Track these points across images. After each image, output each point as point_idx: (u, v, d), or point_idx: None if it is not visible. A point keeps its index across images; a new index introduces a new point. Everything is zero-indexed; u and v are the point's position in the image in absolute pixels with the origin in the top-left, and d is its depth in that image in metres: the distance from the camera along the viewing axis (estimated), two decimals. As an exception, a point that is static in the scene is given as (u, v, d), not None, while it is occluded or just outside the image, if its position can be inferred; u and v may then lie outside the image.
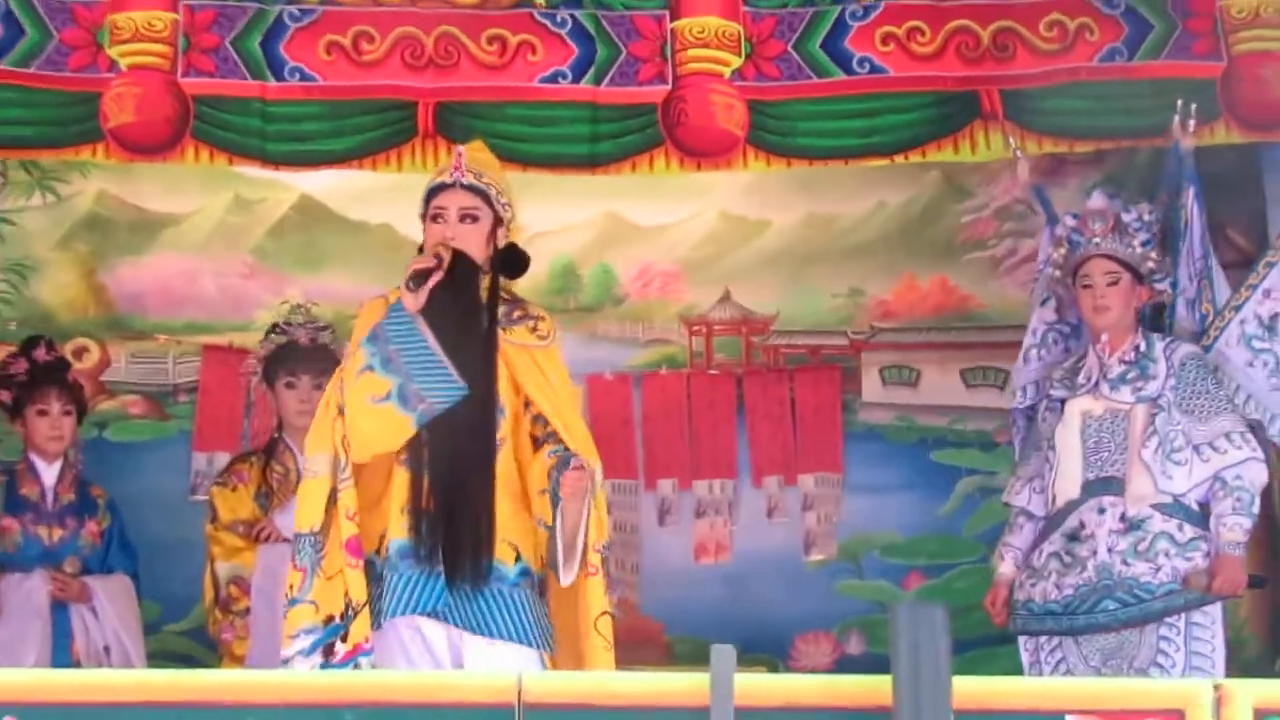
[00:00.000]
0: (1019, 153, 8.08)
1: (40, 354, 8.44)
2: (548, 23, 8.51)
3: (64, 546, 8.25)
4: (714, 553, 9.51)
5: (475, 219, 6.53)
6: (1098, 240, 7.41)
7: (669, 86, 8.47)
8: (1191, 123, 7.66)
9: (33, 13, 8.34)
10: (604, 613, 6.25)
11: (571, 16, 8.52)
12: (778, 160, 8.71)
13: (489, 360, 6.43)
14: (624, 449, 9.47)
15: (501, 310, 6.52)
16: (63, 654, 8.00)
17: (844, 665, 9.12)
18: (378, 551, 6.35)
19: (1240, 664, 8.79)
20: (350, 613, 6.25)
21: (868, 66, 8.52)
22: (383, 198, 9.39)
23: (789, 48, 8.54)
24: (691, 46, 8.50)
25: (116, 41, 8.34)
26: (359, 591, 6.24)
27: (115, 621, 8.15)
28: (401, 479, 6.35)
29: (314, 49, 8.43)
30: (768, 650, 8.95)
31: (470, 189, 6.58)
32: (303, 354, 8.36)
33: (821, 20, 8.54)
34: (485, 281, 6.51)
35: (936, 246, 9.72)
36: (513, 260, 6.57)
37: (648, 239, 9.63)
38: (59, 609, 8.13)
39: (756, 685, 5.46)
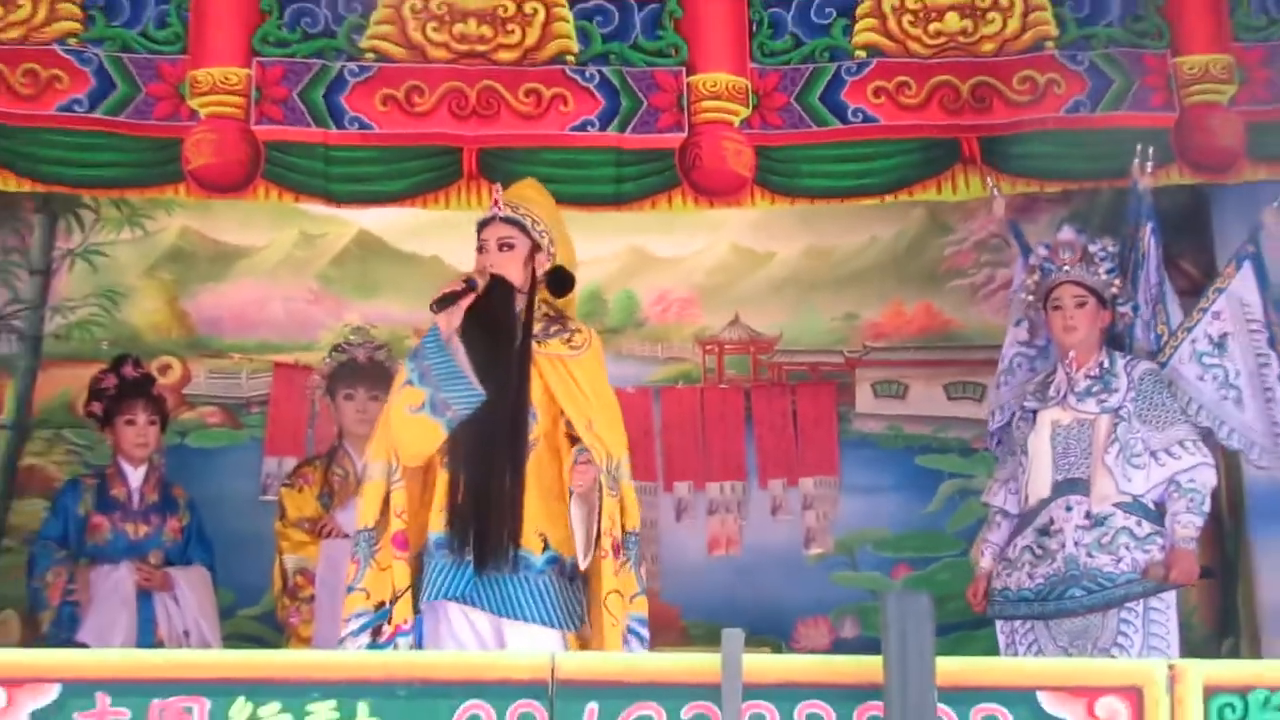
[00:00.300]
0: (996, 191, 8.09)
1: (128, 370, 8.46)
2: (578, 77, 8.52)
3: (148, 541, 8.26)
4: (725, 546, 9.51)
5: (511, 247, 6.55)
6: (1067, 268, 7.44)
7: (685, 134, 8.46)
8: (1149, 165, 7.69)
9: (123, 69, 8.36)
10: (612, 591, 6.23)
11: (599, 72, 8.52)
12: (782, 199, 8.71)
13: (521, 370, 6.46)
14: (645, 455, 9.45)
15: (540, 325, 6.55)
16: (147, 637, 8.00)
17: (840, 647, 9.11)
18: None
19: (1190, 646, 8.77)
20: (395, 599, 6.34)
21: (861, 116, 8.52)
22: (432, 232, 9.40)
23: (791, 100, 8.54)
24: (705, 98, 8.50)
25: (196, 94, 8.36)
26: (403, 580, 6.33)
27: (194, 608, 8.16)
28: (442, 479, 6.40)
29: (371, 100, 8.44)
30: (772, 633, 8.95)
31: (508, 221, 6.61)
32: (360, 370, 8.37)
33: (820, 75, 8.54)
34: (522, 300, 6.55)
35: (922, 275, 9.72)
36: (558, 280, 6.58)
37: (666, 269, 9.64)
38: (144, 597, 8.14)
39: (762, 664, 5.47)
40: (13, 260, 9.41)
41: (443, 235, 9.34)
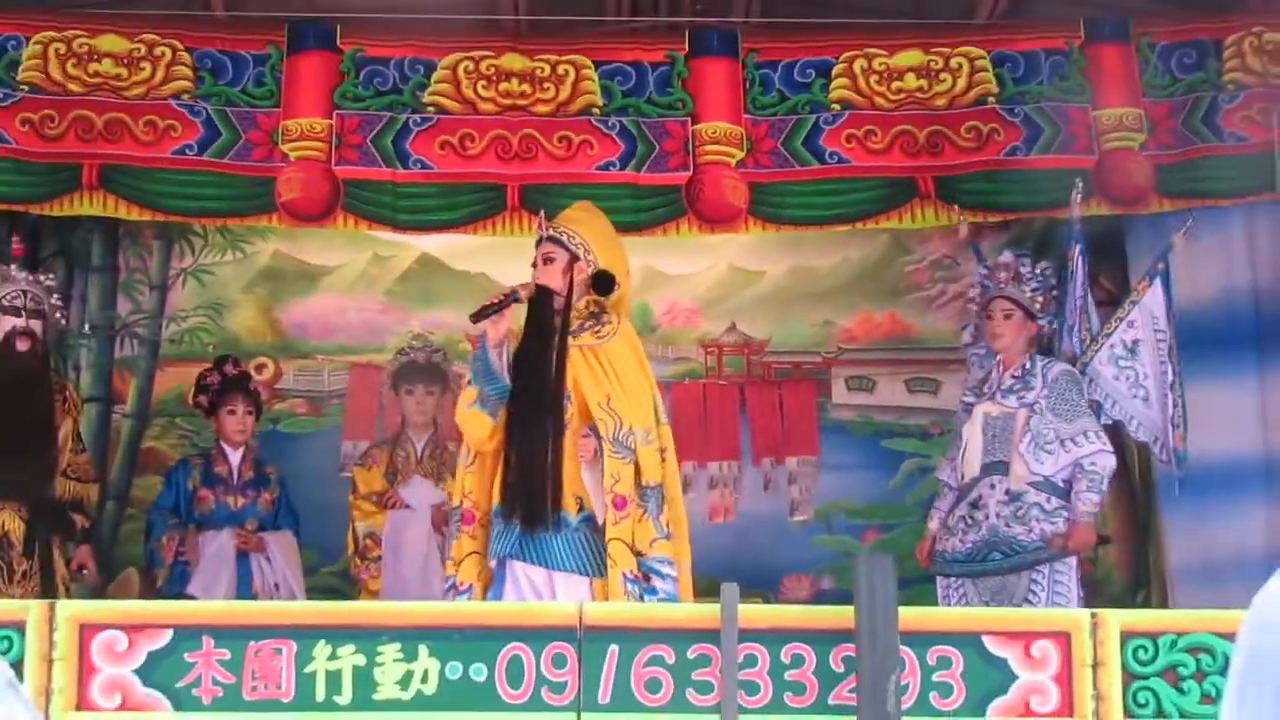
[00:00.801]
0: (962, 221, 8.13)
1: (229, 369, 8.46)
2: (602, 126, 8.51)
3: (245, 510, 8.25)
4: (723, 515, 9.49)
5: (552, 260, 6.62)
6: (1000, 285, 7.46)
7: (690, 172, 8.45)
8: (1078, 197, 7.70)
9: (226, 119, 8.35)
10: (614, 539, 6.24)
11: (619, 122, 8.52)
12: (770, 226, 8.71)
13: (558, 363, 6.48)
14: (656, 438, 9.47)
15: (578, 322, 6.57)
16: (245, 590, 7.99)
17: (820, 598, 9.10)
18: None
19: (1109, 597, 8.77)
20: (458, 564, 6.47)
21: (836, 158, 8.50)
22: (481, 254, 9.39)
23: (778, 144, 8.52)
24: (707, 143, 8.49)
25: (287, 140, 8.35)
26: (468, 547, 6.43)
27: (283, 566, 8.15)
28: (501, 461, 6.44)
29: (431, 145, 8.43)
30: (762, 587, 8.93)
31: (550, 239, 6.67)
32: (420, 370, 8.38)
33: (802, 125, 8.53)
34: (560, 304, 6.56)
35: (886, 290, 9.69)
36: (598, 282, 6.58)
37: (674, 285, 9.62)
38: (242, 557, 8.14)
39: (754, 613, 5.48)
40: (136, 278, 9.41)
41: (490, 256, 9.35)
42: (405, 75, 8.51)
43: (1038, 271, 7.51)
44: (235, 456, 8.35)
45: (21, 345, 7.42)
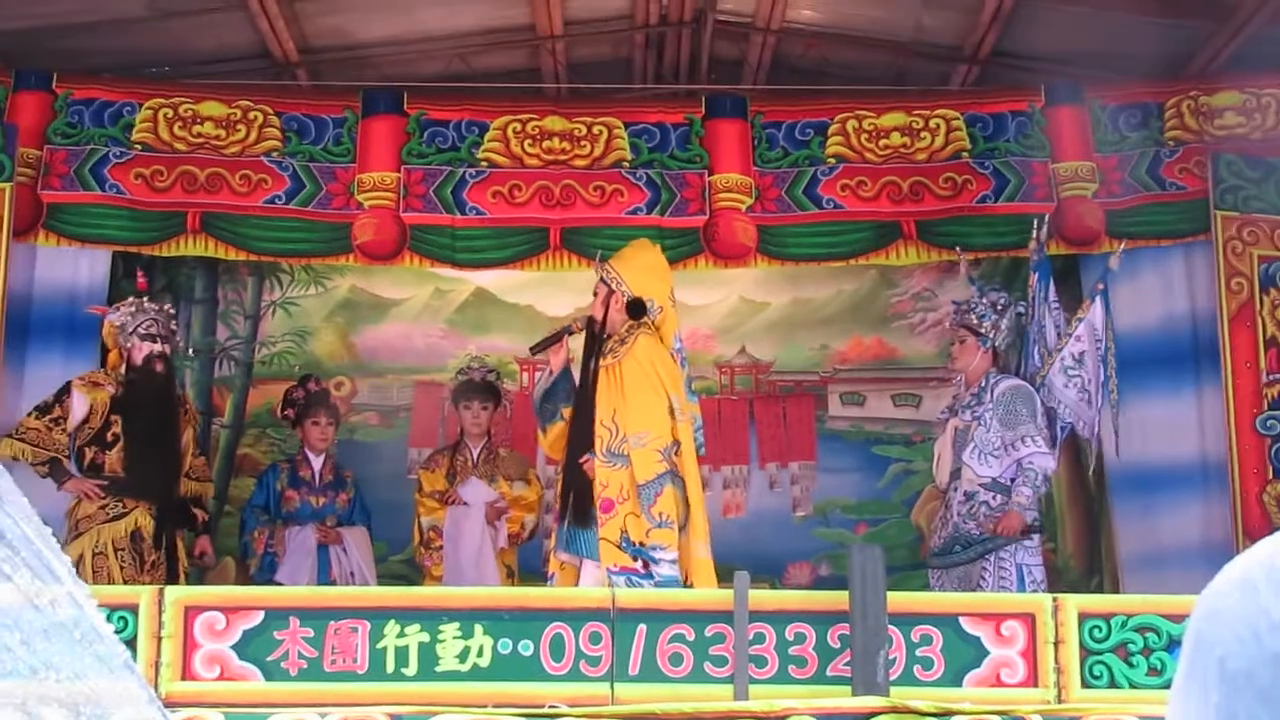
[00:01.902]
0: (961, 255, 8.07)
1: (312, 385, 8.47)
2: (631, 177, 8.52)
3: (325, 509, 8.24)
4: (735, 511, 9.45)
5: (595, 295, 6.65)
6: (958, 315, 7.48)
7: (707, 216, 8.47)
8: (1045, 231, 7.64)
9: (310, 174, 8.39)
10: (601, 539, 6.34)
11: (646, 174, 8.54)
12: (776, 263, 8.74)
13: (592, 383, 6.51)
14: (678, 445, 9.46)
15: (610, 344, 6.59)
16: (324, 577, 7.98)
17: (819, 584, 9.05)
18: None
19: (1067, 583, 8.72)
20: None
21: (832, 204, 8.51)
22: (528, 288, 9.38)
23: (782, 193, 8.53)
24: (721, 192, 8.49)
25: (361, 191, 8.38)
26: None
27: (358, 556, 8.14)
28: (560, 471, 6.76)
29: (485, 195, 8.45)
30: (769, 573, 8.87)
31: (601, 278, 6.71)
32: (476, 388, 8.36)
33: (802, 176, 8.54)
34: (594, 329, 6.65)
35: (875, 318, 9.65)
36: (632, 308, 6.57)
37: (693, 313, 9.57)
38: (322, 549, 8.11)
39: (762, 596, 5.47)
40: (233, 309, 9.42)
41: (536, 290, 9.34)
42: (463, 135, 8.53)
43: (985, 302, 7.43)
44: (317, 462, 8.33)
45: (159, 367, 7.47)
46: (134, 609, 5.22)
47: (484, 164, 8.48)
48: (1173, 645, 5.26)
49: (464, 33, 8.90)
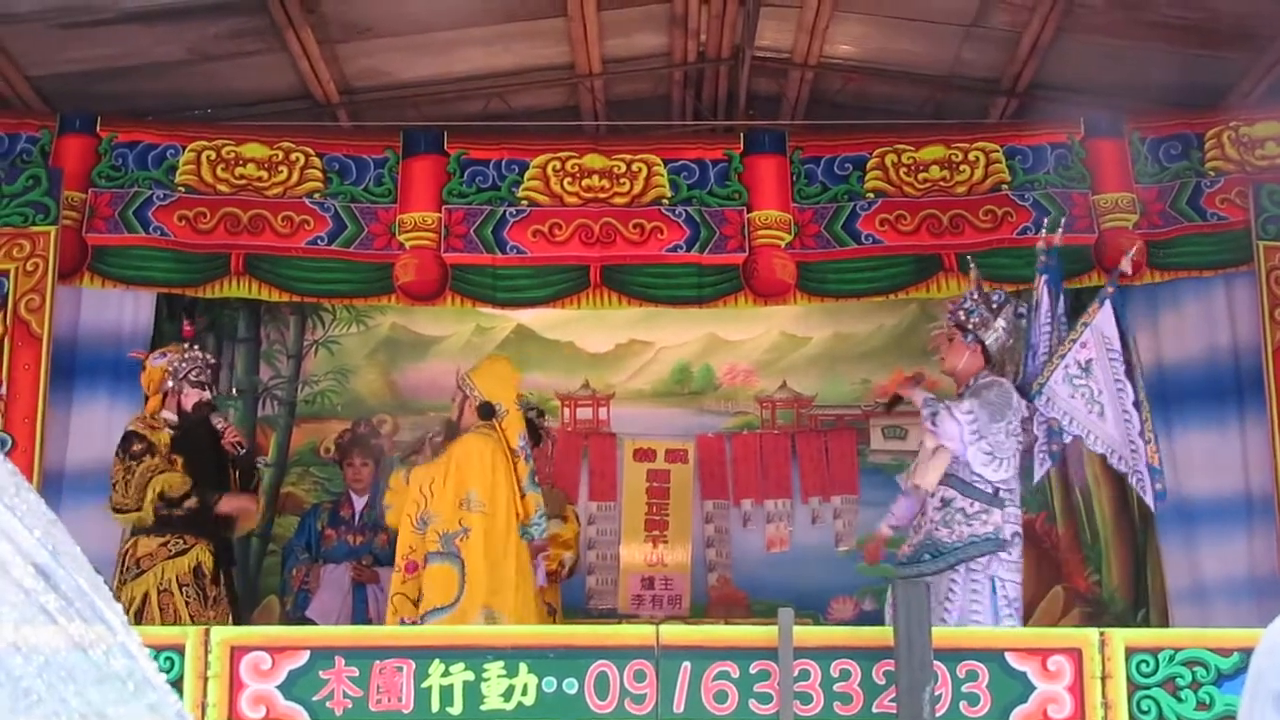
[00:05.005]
0: (973, 265, 7.35)
1: (362, 428, 8.59)
2: (670, 215, 8.54)
3: (362, 547, 8.24)
4: (778, 545, 9.43)
5: (454, 400, 7.26)
6: (950, 315, 7.01)
7: (746, 253, 8.47)
8: (1059, 233, 7.17)
9: (352, 214, 8.44)
10: (396, 593, 6.72)
11: (685, 210, 8.55)
12: (815, 299, 8.74)
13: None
14: (720, 481, 9.43)
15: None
16: (361, 617, 7.98)
17: (862, 619, 9.01)
18: None
19: (1114, 616, 8.67)
20: None
21: (871, 239, 8.50)
22: (569, 325, 9.40)
23: (821, 228, 8.53)
24: (760, 228, 8.50)
25: (402, 231, 8.42)
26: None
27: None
28: None
29: (525, 233, 8.47)
30: (812, 609, 8.86)
31: (458, 385, 7.18)
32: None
33: (841, 211, 8.54)
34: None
35: (915, 351, 9.58)
36: (483, 410, 6.92)
37: (734, 349, 9.60)
38: (358, 588, 8.13)
39: (807, 632, 5.44)
40: (275, 348, 9.46)
41: (576, 326, 9.37)
42: (503, 174, 8.56)
43: (976, 298, 6.94)
44: (359, 502, 8.36)
45: (207, 412, 7.45)
46: (180, 649, 5.23)
47: (524, 203, 8.51)
48: (1221, 679, 5.21)
49: (503, 72, 8.95)
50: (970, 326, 6.84)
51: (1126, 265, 7.12)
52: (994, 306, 6.89)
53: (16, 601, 1.44)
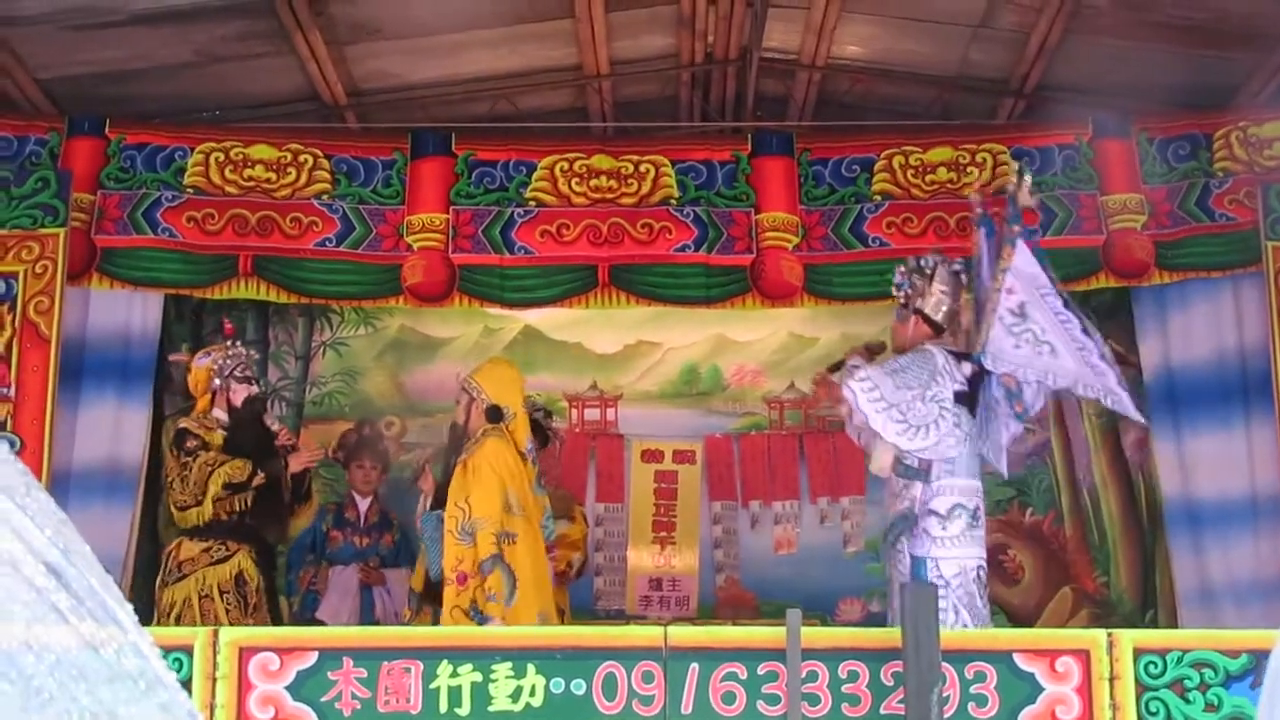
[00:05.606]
0: (1025, 173, 6.59)
1: (366, 430, 8.57)
2: (678, 215, 8.55)
3: (369, 549, 8.26)
4: (786, 547, 9.41)
5: (459, 403, 7.05)
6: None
7: (754, 255, 8.49)
8: (1025, 181, 6.48)
9: (360, 216, 8.46)
10: (456, 607, 6.48)
11: (694, 211, 8.56)
12: (822, 301, 8.73)
13: (449, 476, 6.80)
14: (729, 482, 9.41)
15: (468, 443, 6.76)
16: (368, 618, 8.00)
17: (870, 620, 9.00)
18: None
19: (1122, 617, 8.66)
20: None
21: (878, 242, 8.51)
22: (577, 325, 9.37)
23: (829, 231, 8.55)
24: (767, 230, 8.51)
25: (410, 233, 8.45)
26: None
27: (403, 597, 8.14)
28: None
29: (533, 234, 8.49)
30: (820, 610, 8.85)
31: (463, 388, 6.98)
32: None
33: (848, 214, 8.55)
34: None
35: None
36: (491, 413, 6.78)
37: (742, 350, 9.58)
38: (366, 590, 8.15)
39: (815, 633, 5.42)
40: (284, 350, 9.45)
41: (584, 327, 9.34)
42: (510, 175, 8.57)
43: (904, 269, 6.54)
44: (364, 503, 8.39)
45: (260, 408, 7.34)
46: (188, 650, 5.23)
47: (532, 203, 8.52)
48: (1230, 681, 5.20)
49: (511, 73, 8.95)
50: (904, 300, 6.46)
51: (1025, 199, 6.40)
52: (927, 273, 6.44)
53: (28, 600, 1.44)
